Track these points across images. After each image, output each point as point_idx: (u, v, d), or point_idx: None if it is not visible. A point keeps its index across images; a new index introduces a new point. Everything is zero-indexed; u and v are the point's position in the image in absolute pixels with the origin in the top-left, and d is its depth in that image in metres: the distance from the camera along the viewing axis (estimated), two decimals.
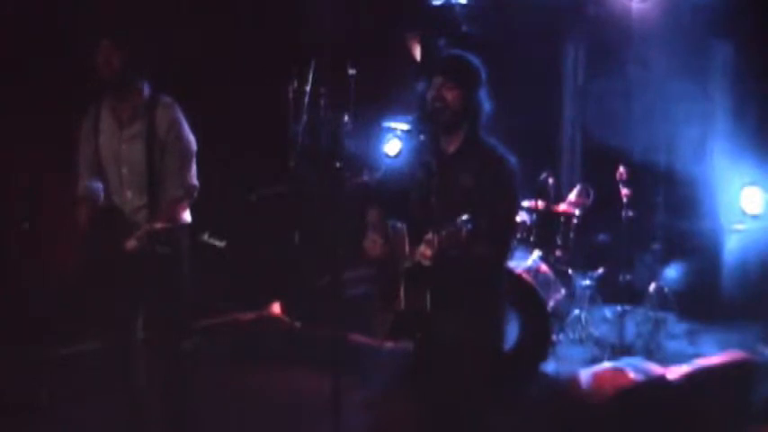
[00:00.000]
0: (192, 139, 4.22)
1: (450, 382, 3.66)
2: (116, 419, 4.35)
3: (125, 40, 4.10)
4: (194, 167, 4.22)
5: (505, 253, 3.79)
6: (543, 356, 5.67)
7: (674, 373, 5.35)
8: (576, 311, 6.34)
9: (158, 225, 4.00)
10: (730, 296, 6.80)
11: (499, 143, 3.70)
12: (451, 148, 3.68)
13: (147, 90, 4.18)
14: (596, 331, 6.39)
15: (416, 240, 3.54)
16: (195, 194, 4.24)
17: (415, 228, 3.59)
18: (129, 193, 4.13)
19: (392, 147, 6.94)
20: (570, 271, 6.43)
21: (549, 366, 5.74)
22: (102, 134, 4.17)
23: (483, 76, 3.69)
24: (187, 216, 4.27)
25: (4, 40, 5.72)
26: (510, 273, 5.66)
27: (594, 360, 5.92)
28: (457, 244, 3.33)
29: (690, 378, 5.28)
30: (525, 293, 5.62)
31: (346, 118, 6.96)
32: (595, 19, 7.45)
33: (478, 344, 3.67)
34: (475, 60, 3.72)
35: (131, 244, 3.98)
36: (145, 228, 4.00)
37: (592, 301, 6.62)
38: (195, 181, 4.23)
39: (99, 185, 4.18)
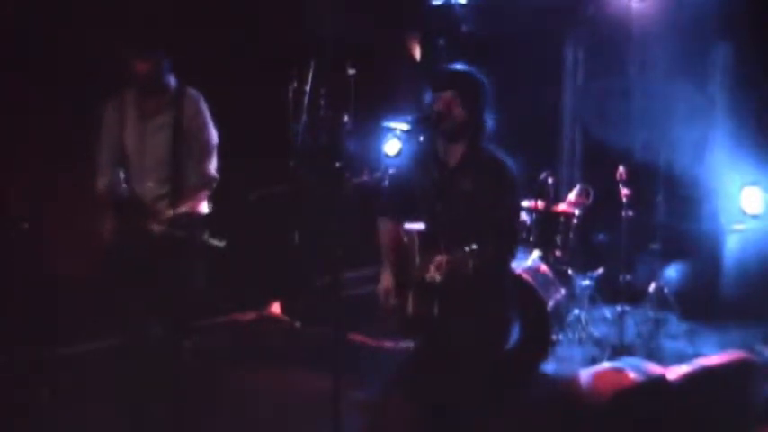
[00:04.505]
0: (214, 131, 4.35)
1: (456, 383, 3.69)
2: (117, 419, 4.36)
3: (159, 50, 4.22)
4: (215, 159, 4.35)
5: (511, 255, 3.82)
6: (543, 356, 5.67)
7: (674, 373, 5.34)
8: (576, 311, 6.34)
9: (181, 210, 4.13)
10: (730, 296, 6.80)
11: (498, 148, 3.73)
12: (453, 161, 3.71)
13: (173, 82, 4.30)
14: (596, 331, 6.39)
15: (425, 247, 3.61)
16: (214, 185, 4.36)
17: (424, 235, 3.67)
18: (150, 184, 4.23)
19: (392, 147, 6.94)
20: (570, 271, 6.43)
21: (549, 366, 5.74)
22: (127, 127, 4.26)
23: (487, 92, 3.70)
24: (205, 207, 4.36)
25: (4, 39, 5.72)
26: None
27: (594, 360, 5.92)
28: (464, 271, 3.41)
29: (690, 378, 5.27)
30: (525, 293, 5.62)
31: (346, 118, 6.96)
32: (595, 19, 7.46)
33: (485, 346, 3.73)
34: (480, 76, 3.73)
35: (157, 228, 4.11)
36: (168, 213, 4.13)
37: (592, 301, 6.62)
38: (215, 173, 4.35)
39: (120, 178, 4.23)
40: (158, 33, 4.35)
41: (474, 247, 3.38)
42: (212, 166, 4.34)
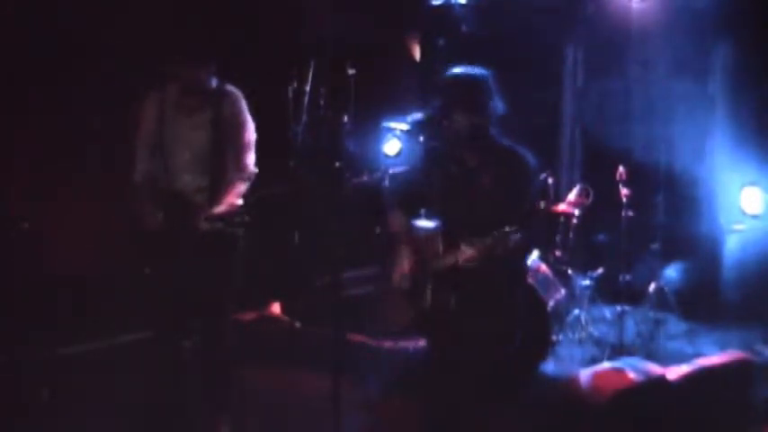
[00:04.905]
0: (253, 127, 4.50)
1: (466, 379, 3.75)
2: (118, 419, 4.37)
3: (210, 57, 4.39)
4: (253, 154, 4.51)
5: (534, 245, 3.91)
6: (543, 356, 5.67)
7: (674, 373, 5.34)
8: (576, 311, 6.34)
9: (223, 206, 4.27)
10: (730, 296, 6.80)
11: (515, 143, 3.81)
12: (470, 159, 3.78)
13: (213, 81, 4.43)
14: (596, 331, 6.39)
15: (448, 243, 3.67)
16: (252, 179, 4.52)
17: (446, 231, 3.73)
18: (187, 177, 4.34)
19: (392, 147, 6.93)
20: (570, 271, 6.43)
21: (549, 366, 5.74)
22: (166, 122, 4.36)
23: (490, 88, 3.74)
24: (240, 200, 4.49)
25: (4, 39, 5.72)
26: None
27: (594, 360, 5.91)
28: (504, 251, 3.48)
29: (690, 378, 5.27)
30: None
31: (346, 118, 6.95)
32: (595, 19, 7.45)
33: (499, 339, 3.80)
34: (480, 75, 3.76)
35: (204, 225, 4.21)
36: (212, 209, 4.24)
37: (591, 301, 6.62)
38: (254, 167, 4.51)
39: (158, 169, 4.36)
40: (213, 41, 4.50)
41: (512, 227, 3.45)
42: (251, 160, 4.50)
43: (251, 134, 4.51)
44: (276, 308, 6.97)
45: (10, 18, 5.76)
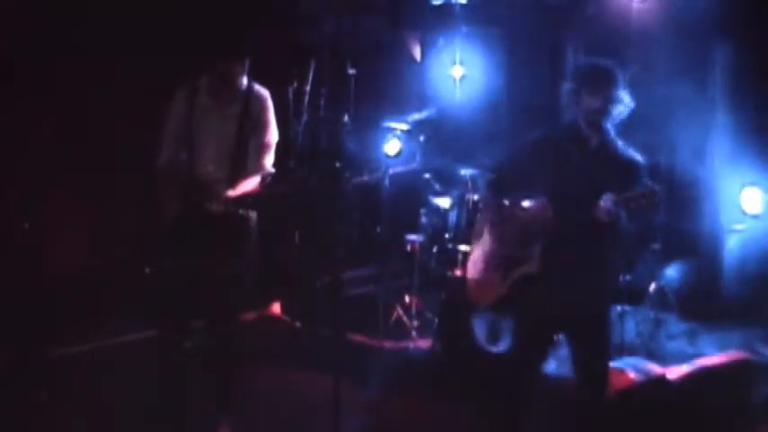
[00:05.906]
0: (276, 129, 4.62)
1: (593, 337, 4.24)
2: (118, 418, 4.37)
3: (247, 52, 4.51)
4: (272, 156, 4.60)
5: None
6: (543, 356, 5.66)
7: (674, 373, 5.35)
8: None
9: (237, 192, 4.37)
10: (730, 296, 6.79)
11: (627, 144, 4.29)
12: (594, 142, 4.20)
13: (244, 78, 4.55)
14: None
15: (560, 211, 3.96)
16: (268, 180, 4.58)
17: (557, 202, 4.01)
18: (210, 167, 4.44)
19: (392, 147, 6.92)
20: None
21: (549, 366, 5.73)
22: (197, 114, 4.46)
23: (617, 76, 4.22)
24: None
25: (3, 39, 5.72)
26: None
27: None
28: (650, 205, 3.85)
29: (690, 378, 5.28)
30: None
31: (346, 118, 6.95)
32: (595, 19, 7.45)
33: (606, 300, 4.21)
34: (607, 66, 4.28)
35: (217, 207, 4.33)
36: (228, 193, 4.35)
37: None
38: (271, 168, 4.59)
39: (181, 158, 4.46)
40: (249, 37, 4.57)
41: (651, 183, 3.85)
42: (268, 161, 4.59)
43: (273, 136, 4.61)
44: (276, 308, 6.97)
45: (9, 17, 5.77)
